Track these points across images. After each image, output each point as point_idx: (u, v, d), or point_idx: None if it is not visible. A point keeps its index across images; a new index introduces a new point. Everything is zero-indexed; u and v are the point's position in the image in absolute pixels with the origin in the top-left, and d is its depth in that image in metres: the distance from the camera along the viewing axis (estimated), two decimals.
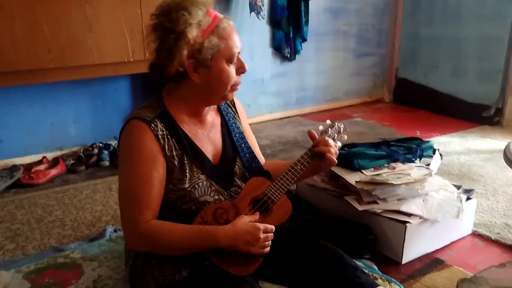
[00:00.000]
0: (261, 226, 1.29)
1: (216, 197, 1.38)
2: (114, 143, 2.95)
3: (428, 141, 2.18)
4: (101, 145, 2.91)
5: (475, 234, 2.03)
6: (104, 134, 3.06)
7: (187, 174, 1.33)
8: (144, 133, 1.28)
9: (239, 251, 1.28)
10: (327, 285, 1.37)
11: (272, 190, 1.39)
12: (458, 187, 2.05)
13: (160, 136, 1.30)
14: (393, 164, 2.00)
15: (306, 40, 3.85)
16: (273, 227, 1.32)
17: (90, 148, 2.88)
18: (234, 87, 1.36)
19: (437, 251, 1.89)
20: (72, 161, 2.79)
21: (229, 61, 1.30)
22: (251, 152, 1.51)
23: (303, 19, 3.75)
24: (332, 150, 1.43)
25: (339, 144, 1.51)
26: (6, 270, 1.66)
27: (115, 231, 1.98)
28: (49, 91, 2.85)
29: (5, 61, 2.31)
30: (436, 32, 4.07)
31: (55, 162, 2.71)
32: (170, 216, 1.31)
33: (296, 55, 3.87)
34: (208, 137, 1.42)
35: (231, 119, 1.51)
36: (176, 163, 1.32)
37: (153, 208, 1.29)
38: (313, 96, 4.15)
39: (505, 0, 3.54)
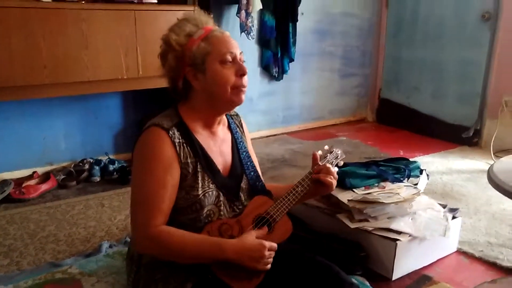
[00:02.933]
0: (267, 244, 1.33)
1: (222, 207, 1.43)
2: (105, 158, 2.97)
3: (415, 162, 2.27)
4: (91, 160, 2.92)
5: (459, 252, 2.11)
6: (94, 150, 3.08)
7: (199, 181, 1.38)
8: (162, 139, 1.34)
9: (242, 266, 1.32)
10: None
11: (275, 210, 1.44)
12: (444, 206, 2.14)
13: (176, 143, 1.35)
14: (382, 184, 2.08)
15: (293, 60, 3.95)
16: (276, 245, 1.37)
17: (80, 164, 2.90)
18: (237, 89, 1.40)
19: (424, 268, 1.97)
20: (62, 176, 2.80)
21: (222, 62, 1.37)
22: (256, 171, 1.57)
23: (291, 40, 3.85)
24: (333, 178, 1.50)
25: (336, 169, 1.58)
26: (4, 285, 1.66)
27: (110, 246, 2.00)
28: (41, 105, 2.86)
29: (1, 76, 2.33)
30: (418, 55, 4.23)
31: (45, 177, 2.72)
32: (176, 225, 1.35)
33: (284, 75, 3.96)
34: (219, 150, 1.48)
35: (239, 138, 1.57)
36: (190, 170, 1.37)
37: (165, 213, 1.34)
38: (299, 115, 4.24)
39: (483, 26, 3.71)
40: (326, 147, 1.60)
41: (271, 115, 4.00)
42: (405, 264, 1.89)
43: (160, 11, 2.78)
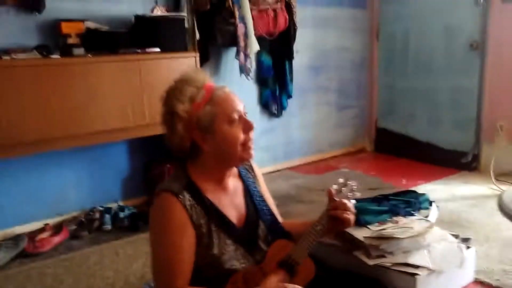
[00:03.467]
0: (290, 286, 1.33)
1: (242, 261, 1.44)
2: (114, 205, 2.99)
3: (423, 194, 2.32)
4: (101, 208, 2.93)
5: (476, 282, 2.14)
6: (103, 197, 3.10)
7: (214, 240, 1.40)
8: (173, 205, 1.36)
9: None
10: None
11: (296, 252, 1.44)
12: (456, 236, 2.18)
13: (188, 206, 1.37)
14: (395, 218, 2.12)
15: (291, 96, 4.04)
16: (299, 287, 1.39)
17: (91, 213, 2.91)
18: (246, 146, 1.43)
19: None
20: (74, 227, 2.81)
21: (230, 122, 1.39)
22: (272, 214, 1.58)
23: (288, 77, 3.95)
24: (351, 213, 1.51)
25: (353, 202, 1.58)
26: None
27: None
28: (48, 157, 2.88)
29: (14, 132, 2.38)
30: (411, 85, 4.35)
31: (58, 228, 2.72)
32: (200, 283, 1.37)
33: (283, 111, 4.05)
34: (231, 203, 1.49)
35: (251, 184, 1.59)
36: (204, 231, 1.39)
37: (185, 274, 1.35)
38: (300, 149, 4.30)
39: (472, 55, 3.85)
40: (341, 180, 1.59)
41: (273, 151, 4.06)
42: None
43: (163, 59, 2.87)
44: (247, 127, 1.42)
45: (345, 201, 1.51)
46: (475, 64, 3.85)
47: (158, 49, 2.89)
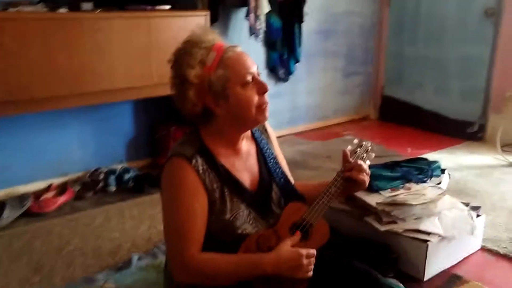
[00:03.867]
0: (304, 252, 1.30)
1: (254, 224, 1.42)
2: (119, 167, 2.95)
3: (436, 162, 2.30)
4: (106, 170, 2.90)
5: (484, 249, 2.15)
6: (107, 158, 3.06)
7: (228, 204, 1.38)
8: (185, 170, 1.33)
9: (284, 278, 1.31)
10: None
11: (310, 215, 1.42)
12: (466, 205, 2.17)
13: (200, 171, 1.34)
14: (407, 185, 2.11)
15: (299, 60, 3.96)
16: (314, 251, 1.34)
17: (95, 173, 2.87)
18: (261, 108, 1.38)
19: (453, 267, 2.00)
20: (79, 188, 2.78)
21: (244, 85, 1.33)
22: (285, 177, 1.55)
23: (297, 40, 3.86)
24: (366, 174, 1.47)
25: (368, 162, 1.53)
26: None
27: (139, 259, 2.00)
28: (52, 116, 2.83)
29: (21, 89, 2.31)
30: (420, 52, 4.27)
31: (62, 189, 2.70)
32: (214, 247, 1.35)
33: (290, 76, 3.97)
34: (245, 166, 1.46)
35: (265, 145, 1.55)
36: (217, 196, 1.36)
37: (198, 241, 1.33)
38: (305, 115, 4.26)
39: (486, 22, 3.76)
40: (356, 141, 1.56)
41: (278, 116, 4.00)
42: (435, 264, 1.92)
43: (173, 17, 2.78)
44: (261, 89, 1.37)
45: (361, 162, 1.47)
46: (488, 32, 3.77)
47: (168, 6, 2.80)
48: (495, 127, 3.74)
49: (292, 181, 1.62)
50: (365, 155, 1.53)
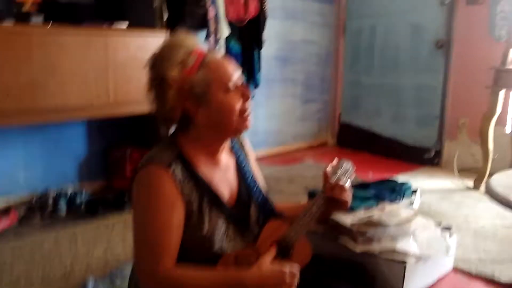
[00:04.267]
0: (287, 269, 1.22)
1: (232, 242, 1.32)
2: (70, 190, 2.73)
3: (406, 182, 2.27)
4: (55, 193, 2.67)
5: (456, 270, 2.11)
6: (57, 181, 2.83)
7: (205, 218, 1.26)
8: (162, 178, 1.21)
9: None
10: None
11: (292, 234, 1.33)
12: (438, 225, 2.14)
13: (178, 180, 1.22)
14: (381, 205, 2.05)
15: (258, 85, 3.91)
16: (297, 270, 1.25)
17: (43, 196, 2.64)
18: (243, 116, 1.29)
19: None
20: (23, 211, 2.53)
21: (226, 91, 1.26)
22: (263, 194, 1.47)
23: (256, 66, 3.82)
24: (348, 194, 1.43)
25: (349, 182, 1.50)
26: None
27: (95, 284, 1.80)
28: None
29: None
30: (376, 81, 4.36)
31: (4, 212, 2.44)
32: (187, 261, 1.22)
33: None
34: (224, 179, 1.36)
35: (243, 161, 1.46)
36: (194, 208, 1.25)
37: (172, 255, 1.20)
38: (265, 141, 4.19)
39: (437, 53, 3.90)
40: (335, 162, 1.52)
41: None
42: (412, 285, 1.85)
43: (131, 36, 2.65)
44: (244, 95, 1.29)
45: (341, 183, 1.43)
46: (440, 63, 3.91)
47: (125, 23, 2.68)
48: (450, 152, 3.84)
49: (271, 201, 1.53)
50: (346, 175, 1.49)
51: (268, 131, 4.22)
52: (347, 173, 1.51)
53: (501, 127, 3.53)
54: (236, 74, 1.29)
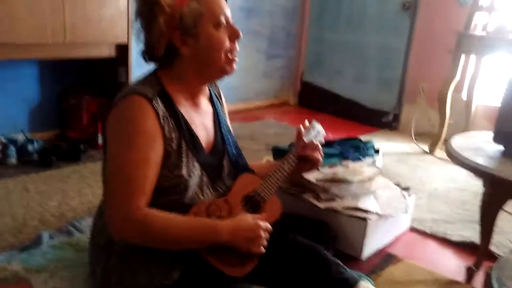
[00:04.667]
0: (262, 224, 1.24)
1: (204, 190, 1.30)
2: (20, 136, 2.57)
3: (369, 141, 2.29)
4: (4, 139, 2.51)
5: (412, 229, 2.18)
6: (6, 127, 2.65)
7: (184, 159, 1.23)
8: (145, 111, 1.17)
9: (234, 250, 1.22)
10: (313, 283, 1.35)
11: (263, 188, 1.35)
12: (397, 185, 2.18)
13: (161, 116, 1.19)
14: (344, 162, 2.06)
15: None
16: (270, 226, 1.28)
17: None
18: (230, 56, 1.27)
19: (387, 246, 1.99)
20: None
21: (217, 25, 1.22)
22: (237, 148, 1.46)
23: None
24: (320, 154, 1.45)
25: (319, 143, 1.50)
26: None
27: (51, 237, 1.72)
28: None
29: None
30: (341, 38, 4.32)
31: None
32: (157, 208, 1.17)
33: None
34: (202, 124, 1.33)
35: (220, 110, 1.44)
36: (173, 147, 1.22)
37: (147, 193, 1.16)
38: (226, 96, 4.09)
39: (403, 15, 3.89)
40: (307, 123, 1.52)
41: None
42: (372, 243, 1.89)
43: None
44: (234, 34, 1.27)
45: (315, 141, 1.46)
46: (405, 24, 3.90)
47: None
48: (408, 116, 3.91)
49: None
50: (317, 136, 1.51)
51: (230, 86, 4.12)
52: (318, 135, 1.52)
53: (458, 93, 3.61)
54: (227, 10, 1.26)
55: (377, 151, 2.24)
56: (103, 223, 1.24)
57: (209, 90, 1.43)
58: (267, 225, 1.26)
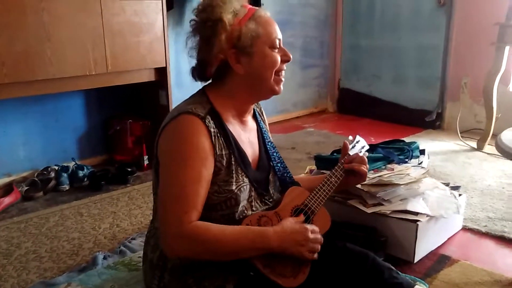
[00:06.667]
0: (309, 226, 1.26)
1: (253, 204, 1.32)
2: (71, 164, 2.69)
3: (414, 142, 2.24)
4: (57, 167, 2.63)
5: (465, 229, 2.10)
6: (57, 157, 2.78)
7: (234, 176, 1.26)
8: (198, 129, 1.20)
9: (286, 261, 1.22)
10: None
11: (312, 201, 1.37)
12: (446, 185, 2.12)
13: (212, 134, 1.22)
14: (390, 166, 2.02)
15: None
16: (318, 229, 1.29)
17: (44, 172, 2.60)
18: (279, 77, 1.32)
19: (439, 247, 1.93)
20: (26, 187, 2.49)
21: (271, 47, 1.27)
22: (283, 162, 1.47)
23: None
24: (366, 167, 1.48)
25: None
26: None
27: (105, 258, 1.78)
28: None
29: None
30: (376, 44, 4.27)
31: (7, 190, 2.40)
32: (210, 222, 1.20)
33: None
34: (248, 140, 1.36)
35: (263, 127, 1.47)
36: (224, 164, 1.24)
37: (198, 209, 1.19)
38: (265, 109, 4.12)
39: (439, 12, 3.81)
40: (350, 137, 1.58)
41: None
42: (424, 245, 1.84)
43: (127, 0, 2.55)
44: (286, 56, 1.34)
45: (362, 155, 1.50)
46: (442, 21, 3.81)
47: None
48: (452, 114, 3.80)
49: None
50: (362, 150, 1.57)
51: (267, 100, 4.15)
52: (362, 149, 1.58)
53: (504, 85, 3.48)
54: (280, 34, 1.31)
55: (422, 152, 2.19)
56: (155, 241, 1.28)
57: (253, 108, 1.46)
58: (314, 227, 1.27)
